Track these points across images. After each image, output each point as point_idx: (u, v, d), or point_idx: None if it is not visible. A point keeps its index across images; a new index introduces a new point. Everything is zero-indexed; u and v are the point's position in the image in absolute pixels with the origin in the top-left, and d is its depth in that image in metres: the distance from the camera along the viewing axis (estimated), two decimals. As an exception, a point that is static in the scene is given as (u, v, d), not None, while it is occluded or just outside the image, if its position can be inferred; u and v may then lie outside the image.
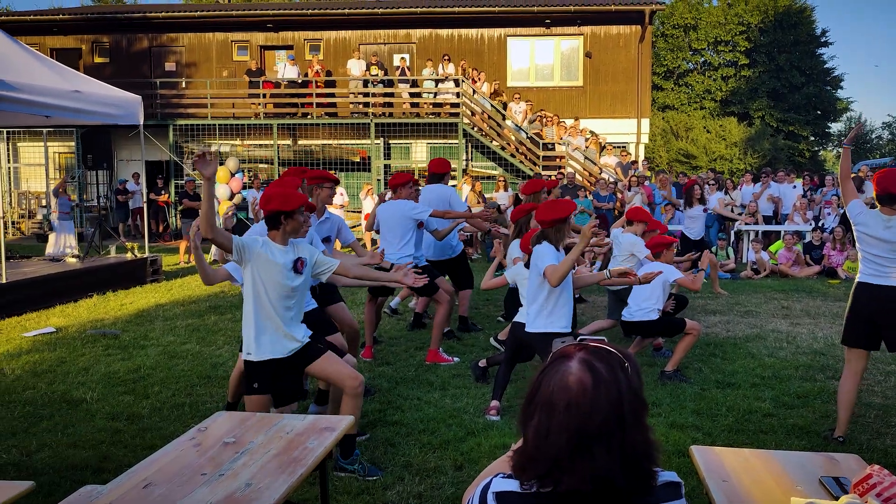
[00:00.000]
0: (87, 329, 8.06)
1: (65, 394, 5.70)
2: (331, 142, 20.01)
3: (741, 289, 10.73)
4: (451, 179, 8.94)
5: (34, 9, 24.46)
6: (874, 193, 4.56)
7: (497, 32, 20.52)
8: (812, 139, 38.96)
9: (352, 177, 19.51)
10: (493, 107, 18.70)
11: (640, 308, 6.14)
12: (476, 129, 18.57)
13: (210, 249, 11.48)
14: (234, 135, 19.79)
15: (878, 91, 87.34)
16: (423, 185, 7.48)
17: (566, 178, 15.28)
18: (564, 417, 1.33)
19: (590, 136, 18.45)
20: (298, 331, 4.03)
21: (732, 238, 13.78)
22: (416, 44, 20.80)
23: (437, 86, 19.05)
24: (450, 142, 19.02)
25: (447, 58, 19.25)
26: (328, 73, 20.23)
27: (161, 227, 19.11)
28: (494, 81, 19.56)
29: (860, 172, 14.45)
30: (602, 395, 1.34)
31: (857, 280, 4.62)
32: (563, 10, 19.75)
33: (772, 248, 12.63)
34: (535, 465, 1.36)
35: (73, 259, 11.08)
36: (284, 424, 3.34)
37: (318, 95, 19.31)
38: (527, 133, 18.44)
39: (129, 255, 11.66)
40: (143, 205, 13.56)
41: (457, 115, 18.47)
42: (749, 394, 5.69)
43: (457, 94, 18.59)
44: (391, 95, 19.35)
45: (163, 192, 18.51)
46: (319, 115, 19.53)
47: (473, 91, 18.61)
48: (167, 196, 18.65)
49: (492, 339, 7.23)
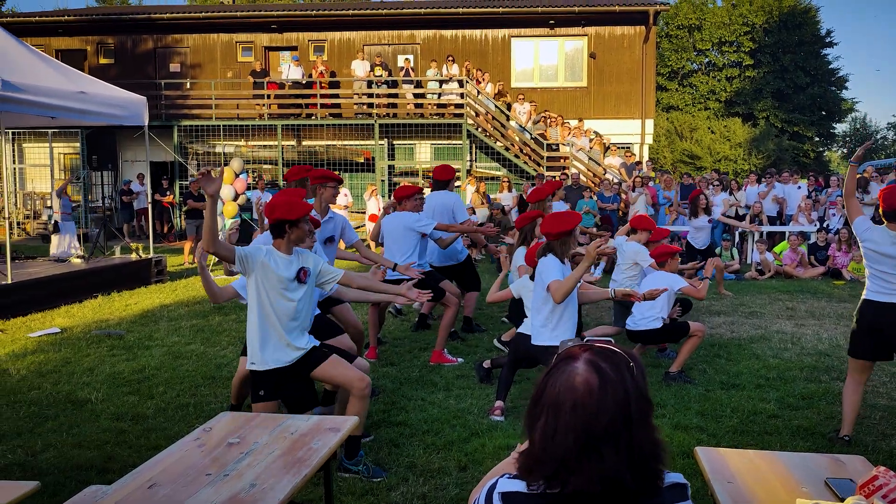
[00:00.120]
0: (92, 329, 8.08)
1: (70, 394, 5.72)
2: (335, 142, 20.03)
3: (746, 290, 10.71)
4: (456, 181, 8.92)
5: (39, 10, 24.56)
6: (881, 210, 4.51)
7: (501, 33, 20.52)
8: (817, 140, 38.88)
9: (356, 177, 19.53)
10: (497, 107, 18.69)
11: (644, 317, 6.14)
12: (480, 130, 18.56)
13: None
14: (239, 136, 19.82)
15: (883, 91, 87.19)
16: (428, 192, 7.52)
17: (570, 179, 15.27)
18: (571, 418, 1.33)
19: (594, 137, 18.44)
20: (302, 340, 4.03)
21: (737, 239, 13.75)
22: (420, 44, 20.80)
23: (441, 86, 19.06)
24: (454, 142, 19.02)
25: (451, 58, 19.26)
26: (332, 74, 20.25)
27: (166, 228, 19.15)
28: (498, 82, 19.56)
29: (865, 173, 14.41)
30: (609, 396, 1.34)
31: (864, 297, 4.58)
32: (567, 11, 19.74)
33: (776, 249, 12.60)
34: (543, 467, 1.36)
35: (78, 260, 11.11)
36: (289, 425, 3.34)
37: (323, 96, 19.33)
38: (531, 134, 18.43)
39: (134, 256, 11.68)
40: (148, 205, 13.59)
41: (461, 116, 18.47)
42: (754, 395, 5.68)
43: (461, 95, 18.59)
44: (395, 96, 19.36)
45: (168, 193, 18.54)
46: (323, 116, 19.55)
47: (477, 92, 18.61)
48: (172, 197, 18.69)
49: (495, 341, 7.23)
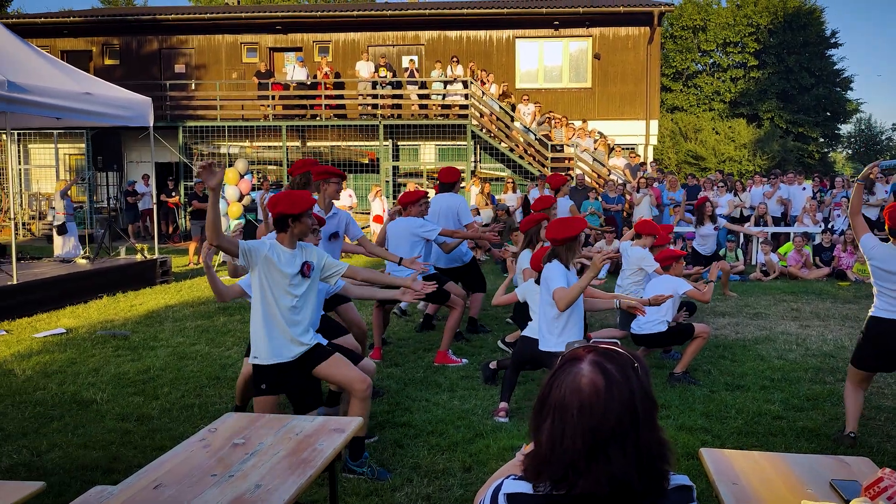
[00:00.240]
0: (98, 330, 8.10)
1: (75, 394, 5.73)
2: (339, 143, 20.04)
3: (750, 291, 10.69)
4: (461, 182, 8.94)
5: (45, 11, 24.62)
6: (886, 227, 4.51)
7: (505, 34, 20.52)
8: (822, 141, 38.79)
9: (360, 178, 19.54)
10: (502, 108, 18.69)
11: (649, 320, 6.13)
12: (484, 131, 18.56)
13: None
14: (244, 136, 19.85)
15: (889, 92, 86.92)
16: (433, 194, 7.53)
17: (575, 180, 15.26)
18: (578, 420, 1.33)
19: (598, 138, 18.43)
20: (307, 336, 4.03)
21: (742, 240, 13.73)
22: (425, 45, 20.81)
23: (446, 87, 19.06)
24: (458, 143, 19.03)
25: (456, 59, 19.27)
26: (337, 75, 20.27)
27: (171, 229, 19.19)
28: (503, 83, 19.56)
29: (870, 174, 14.37)
30: (615, 397, 1.34)
31: (871, 314, 4.57)
32: (572, 12, 19.73)
33: (781, 250, 12.58)
34: (550, 469, 1.36)
35: (84, 260, 11.14)
36: (294, 426, 3.35)
37: (327, 97, 19.35)
38: (535, 135, 18.43)
39: (139, 257, 11.71)
40: (154, 206, 13.62)
41: (465, 117, 18.47)
42: (758, 396, 5.67)
43: (465, 96, 18.60)
44: (400, 97, 19.37)
45: (173, 194, 18.58)
46: (328, 117, 19.56)
47: (482, 93, 18.61)
48: (177, 198, 18.73)
49: (499, 342, 7.23)
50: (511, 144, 18.59)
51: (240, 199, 14.04)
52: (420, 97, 19.32)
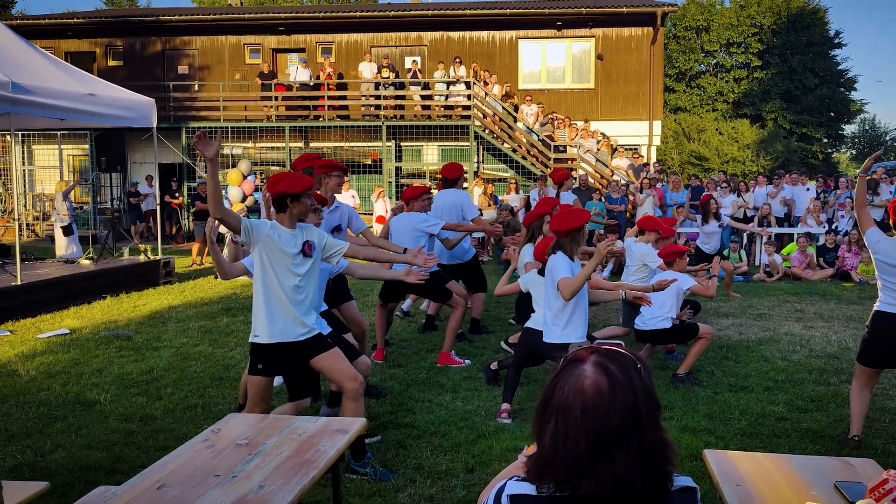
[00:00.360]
0: (101, 331, 8.11)
1: (79, 395, 5.74)
2: (342, 144, 20.06)
3: (754, 292, 10.68)
4: (464, 181, 8.93)
5: (49, 12, 24.68)
6: (890, 221, 4.55)
7: (508, 35, 20.52)
8: (825, 141, 38.72)
9: (363, 179, 19.56)
10: (505, 109, 18.69)
11: (654, 316, 6.11)
12: (487, 132, 18.56)
13: (223, 250, 11.51)
14: (247, 137, 19.87)
15: (893, 93, 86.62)
16: (437, 191, 7.51)
17: (578, 181, 15.25)
18: (581, 421, 1.33)
19: (601, 139, 18.41)
20: (310, 317, 4.03)
21: (745, 241, 13.70)
22: (428, 46, 20.82)
23: (449, 88, 19.07)
24: (461, 144, 19.03)
25: (458, 60, 19.27)
26: (340, 76, 20.29)
27: (174, 230, 19.21)
28: (506, 84, 19.55)
29: (875, 174, 14.34)
30: (618, 398, 1.33)
31: (876, 308, 4.57)
32: (575, 13, 19.73)
33: (784, 251, 12.56)
34: (554, 470, 1.36)
35: (87, 261, 11.16)
36: (297, 426, 3.35)
37: (330, 98, 19.37)
38: (538, 135, 18.42)
39: (143, 258, 11.73)
40: (157, 207, 13.64)
41: (468, 118, 18.47)
42: (762, 397, 5.66)
43: (468, 97, 18.60)
44: (402, 98, 19.38)
45: (176, 195, 18.61)
46: (331, 118, 19.58)
47: (485, 93, 18.61)
48: (180, 199, 18.75)
49: (502, 343, 7.22)
50: (514, 145, 18.59)
51: (243, 200, 14.05)
52: (423, 98, 19.32)
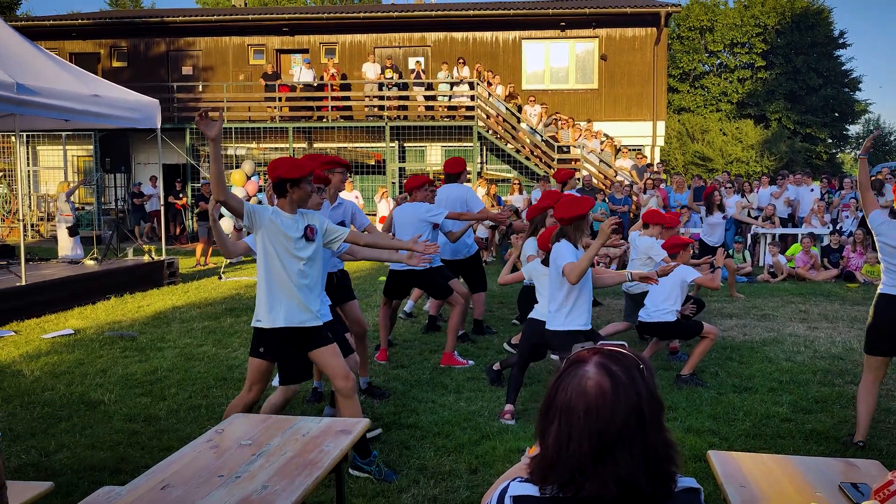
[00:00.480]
0: (105, 331, 8.12)
1: (83, 395, 5.75)
2: (346, 145, 20.07)
3: (758, 292, 10.66)
4: (467, 181, 8.87)
5: (53, 14, 24.77)
6: (894, 203, 4.53)
7: (512, 35, 20.52)
8: (830, 141, 38.63)
9: (367, 180, 19.57)
10: (508, 110, 18.69)
11: (658, 309, 6.10)
12: (491, 132, 18.56)
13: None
14: (250, 138, 19.90)
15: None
16: (440, 186, 7.48)
17: (582, 182, 15.24)
18: (585, 423, 1.33)
19: (605, 139, 18.40)
20: (314, 303, 4.03)
21: (749, 241, 13.68)
22: (431, 47, 20.83)
23: (452, 89, 19.08)
24: (465, 145, 19.03)
25: (462, 61, 19.28)
26: (343, 77, 20.31)
27: (178, 230, 19.24)
28: (509, 84, 19.56)
29: (879, 175, 14.31)
30: (621, 399, 1.33)
31: (879, 291, 4.55)
32: (578, 13, 19.72)
33: (788, 252, 12.53)
34: (557, 472, 1.35)
35: (91, 261, 11.19)
36: (300, 427, 3.35)
37: (334, 99, 19.39)
38: (542, 136, 18.41)
39: (147, 258, 11.75)
40: (161, 208, 13.67)
41: (472, 118, 18.48)
42: (766, 398, 5.65)
43: (471, 97, 18.60)
44: (406, 98, 19.39)
45: (180, 196, 18.64)
46: (335, 119, 19.60)
47: (488, 94, 18.61)
48: (184, 199, 18.78)
49: (505, 344, 7.21)
50: (517, 146, 18.59)
51: (247, 200, 14.08)
52: (426, 98, 19.34)
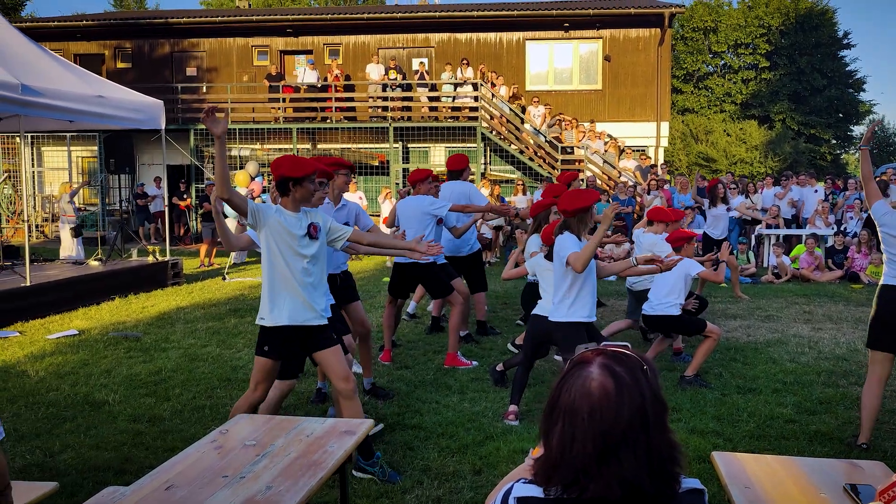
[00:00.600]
0: (110, 332, 8.14)
1: (87, 395, 5.76)
2: (350, 146, 20.09)
3: (762, 293, 10.64)
4: (471, 180, 8.84)
5: (58, 15, 24.85)
6: None
7: (516, 36, 20.52)
8: (834, 142, 38.57)
9: (371, 180, 19.58)
10: (512, 110, 18.69)
11: (661, 302, 6.10)
12: (494, 133, 18.56)
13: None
14: (255, 139, 19.93)
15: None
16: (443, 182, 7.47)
17: (586, 183, 15.23)
18: (589, 424, 1.33)
19: (608, 140, 18.39)
20: (319, 301, 4.04)
21: (753, 242, 13.66)
22: (435, 48, 20.84)
23: (456, 90, 19.08)
24: (468, 145, 19.03)
25: (466, 62, 19.28)
26: (347, 78, 20.32)
27: (182, 231, 19.28)
28: (513, 85, 19.56)
29: (884, 175, 14.26)
30: (625, 400, 1.33)
31: (882, 283, 4.55)
32: (582, 14, 19.71)
33: (793, 253, 12.51)
34: (561, 473, 1.35)
35: (96, 262, 11.21)
36: (305, 427, 3.35)
37: (338, 100, 19.40)
38: (545, 137, 18.41)
39: (151, 259, 11.77)
40: (165, 209, 13.69)
41: (475, 119, 18.48)
42: (771, 399, 5.64)
43: (475, 98, 18.61)
44: (410, 99, 19.40)
45: (185, 197, 18.67)
46: (338, 120, 19.62)
47: (492, 95, 18.61)
48: (189, 200, 18.81)
49: (509, 345, 7.21)
50: (521, 146, 18.58)
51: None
52: (430, 99, 19.35)
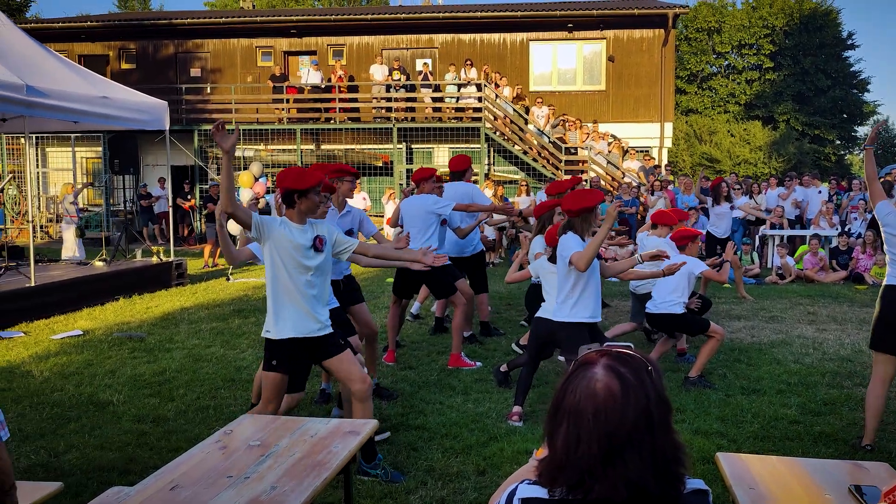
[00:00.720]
0: (114, 332, 8.16)
1: (92, 396, 5.78)
2: (354, 146, 20.11)
3: (766, 294, 10.62)
4: (474, 181, 8.81)
5: (63, 16, 24.96)
6: None
7: (519, 37, 20.52)
8: (838, 143, 38.49)
9: (374, 181, 19.59)
10: (516, 111, 18.68)
11: (665, 300, 6.09)
12: (498, 134, 18.56)
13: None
14: (258, 139, 19.95)
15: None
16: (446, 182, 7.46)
17: (589, 183, 15.22)
18: (594, 425, 1.33)
19: (612, 141, 18.38)
20: (322, 312, 4.04)
21: (757, 243, 13.64)
22: (439, 48, 20.85)
23: (460, 90, 19.08)
24: (472, 146, 19.03)
25: (469, 62, 19.28)
26: (351, 79, 20.34)
27: (186, 232, 19.30)
28: (517, 86, 19.55)
29: (889, 176, 14.23)
30: (630, 401, 1.33)
31: (885, 283, 4.54)
32: (586, 15, 19.71)
33: (797, 253, 12.47)
34: (566, 474, 1.35)
35: (100, 263, 11.23)
36: (309, 428, 3.36)
37: (342, 100, 19.42)
38: (549, 137, 18.40)
39: (155, 259, 11.79)
40: (169, 209, 13.72)
41: (479, 120, 18.48)
42: (775, 400, 5.63)
43: (479, 99, 18.61)
44: (413, 100, 19.41)
45: (189, 197, 18.70)
46: (342, 120, 19.63)
47: (496, 95, 18.61)
48: (193, 201, 18.84)
49: (513, 345, 7.21)
50: (525, 147, 18.58)
51: (255, 202, 14.11)
52: (434, 100, 19.35)
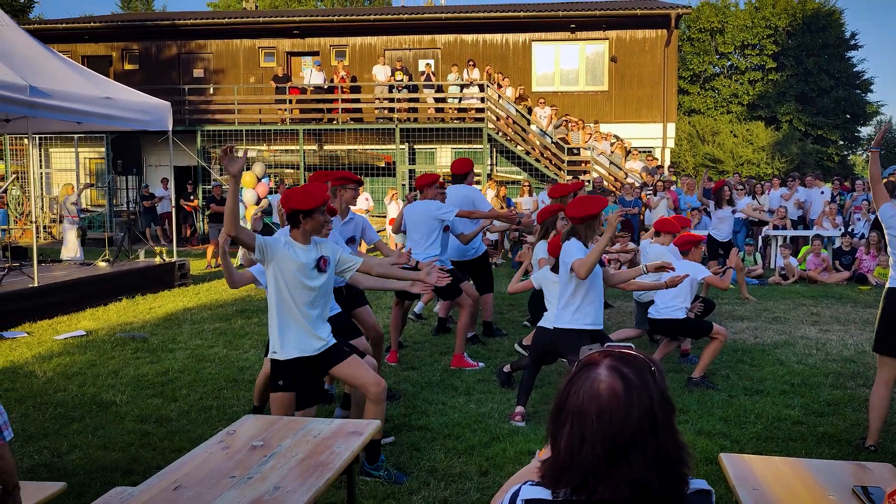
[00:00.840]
0: (117, 332, 8.17)
1: (95, 396, 5.78)
2: (356, 147, 20.12)
3: (769, 295, 10.60)
4: (476, 182, 8.82)
5: (66, 17, 25.03)
6: None
7: (522, 37, 20.52)
8: (841, 143, 38.43)
9: (377, 182, 19.59)
10: (518, 111, 18.68)
11: (668, 306, 6.10)
12: (501, 134, 18.56)
13: (237, 254, 11.58)
14: (261, 140, 19.97)
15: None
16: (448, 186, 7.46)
17: (593, 184, 15.21)
18: (598, 426, 1.32)
19: (615, 141, 18.37)
20: (324, 330, 4.05)
21: (760, 243, 13.62)
22: (441, 49, 20.85)
23: (462, 91, 19.08)
24: (474, 147, 19.03)
25: (472, 63, 19.28)
26: (353, 79, 20.35)
27: (189, 232, 19.33)
28: (519, 86, 19.54)
29: (892, 177, 14.21)
30: (634, 402, 1.33)
31: (888, 286, 4.53)
32: (589, 15, 19.71)
33: (800, 254, 12.46)
34: (570, 475, 1.35)
35: (103, 263, 11.25)
36: (311, 428, 3.36)
37: (344, 101, 19.43)
38: (552, 138, 18.40)
39: (158, 260, 11.80)
40: (172, 210, 13.73)
41: (481, 120, 18.48)
42: (778, 401, 5.62)
43: (481, 99, 18.61)
44: (416, 101, 19.41)
45: (192, 198, 18.72)
46: (345, 121, 19.64)
47: (498, 96, 18.61)
48: (195, 201, 18.86)
49: (516, 345, 7.21)
50: (527, 147, 18.57)
51: (257, 203, 14.12)
52: (436, 101, 19.35)
